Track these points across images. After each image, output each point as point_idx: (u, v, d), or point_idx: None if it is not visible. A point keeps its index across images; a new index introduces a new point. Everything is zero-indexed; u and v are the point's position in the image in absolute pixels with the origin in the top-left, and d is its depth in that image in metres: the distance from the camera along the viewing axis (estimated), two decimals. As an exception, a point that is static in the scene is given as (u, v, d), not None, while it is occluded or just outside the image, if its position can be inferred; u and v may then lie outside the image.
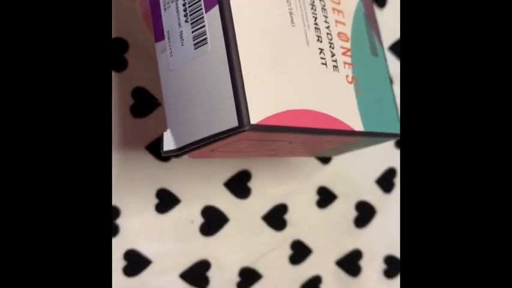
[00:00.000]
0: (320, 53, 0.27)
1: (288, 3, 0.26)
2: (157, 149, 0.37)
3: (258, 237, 0.39)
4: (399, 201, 0.42)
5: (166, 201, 0.37)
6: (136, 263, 0.36)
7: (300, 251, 0.40)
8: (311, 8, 0.27)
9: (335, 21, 0.29)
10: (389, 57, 0.42)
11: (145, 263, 0.36)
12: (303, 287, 0.40)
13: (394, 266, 0.43)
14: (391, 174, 0.43)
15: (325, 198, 0.41)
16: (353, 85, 0.29)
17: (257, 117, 0.22)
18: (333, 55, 0.28)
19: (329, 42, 0.28)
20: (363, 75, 0.30)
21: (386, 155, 0.42)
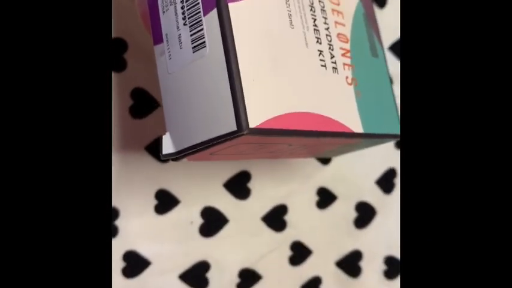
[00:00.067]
0: (319, 54, 0.27)
1: (287, 5, 0.26)
2: (156, 150, 0.36)
3: (258, 238, 0.39)
4: (399, 201, 0.42)
5: (166, 202, 0.37)
6: (136, 264, 0.36)
7: (300, 252, 0.40)
8: (310, 10, 0.27)
9: (334, 22, 0.29)
10: (389, 57, 0.42)
11: (145, 264, 0.36)
12: (303, 287, 0.40)
13: (394, 267, 0.43)
14: (392, 175, 0.43)
15: (325, 199, 0.41)
16: (353, 86, 0.28)
17: (256, 121, 0.22)
18: (332, 57, 0.28)
19: (328, 44, 0.28)
20: (362, 77, 0.30)
21: (387, 155, 0.42)
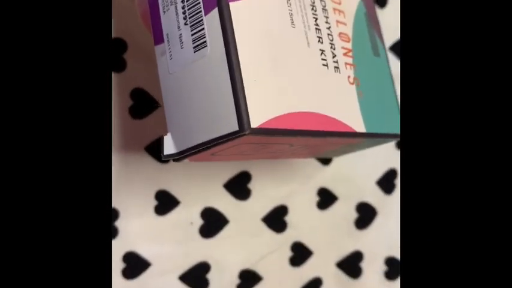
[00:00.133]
0: (321, 54, 0.27)
1: (288, 5, 0.26)
2: (156, 150, 0.36)
3: (258, 238, 0.39)
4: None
5: (166, 203, 0.37)
6: (136, 265, 0.36)
7: (301, 253, 0.40)
8: (311, 9, 0.27)
9: (336, 21, 0.29)
10: (390, 57, 0.42)
11: (145, 265, 0.36)
12: (304, 288, 0.40)
13: (395, 268, 0.42)
14: (392, 175, 0.42)
15: (326, 199, 0.41)
16: (355, 86, 0.28)
17: (258, 121, 0.22)
18: (334, 56, 0.27)
19: (330, 43, 0.28)
20: (364, 76, 0.29)
21: (387, 156, 0.42)
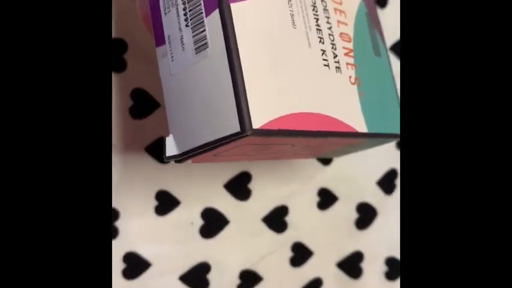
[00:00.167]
0: (322, 54, 0.27)
1: (289, 5, 0.26)
2: (156, 150, 0.36)
3: (259, 239, 0.39)
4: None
5: (166, 203, 0.37)
6: (136, 266, 0.36)
7: (301, 253, 0.40)
8: (312, 9, 0.27)
9: (337, 21, 0.29)
10: (391, 57, 0.42)
11: (145, 265, 0.36)
12: (304, 289, 0.40)
13: (395, 268, 0.42)
14: (393, 176, 0.42)
15: (326, 199, 0.41)
16: (356, 86, 0.28)
17: (259, 122, 0.22)
18: (335, 56, 0.27)
19: (331, 43, 0.27)
20: (365, 76, 0.29)
21: (388, 156, 0.42)
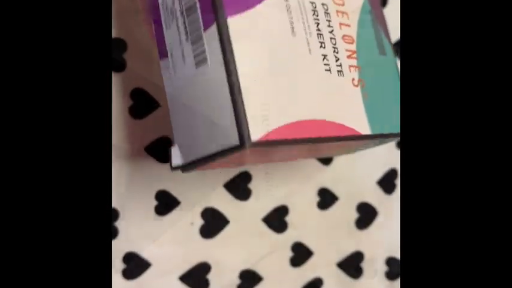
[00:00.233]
0: (323, 59, 0.26)
1: (288, 13, 0.26)
2: (156, 150, 0.36)
3: (259, 239, 0.39)
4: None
5: (166, 203, 0.37)
6: (136, 266, 0.36)
7: (301, 253, 0.40)
8: (313, 14, 0.27)
9: (339, 24, 0.28)
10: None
11: (145, 265, 0.36)
12: (304, 289, 0.40)
13: (395, 268, 0.42)
14: (393, 175, 0.42)
15: (326, 199, 0.41)
16: (359, 88, 0.28)
17: (258, 134, 0.22)
18: (337, 60, 0.27)
19: (333, 47, 0.27)
20: (369, 77, 0.29)
21: (388, 156, 0.42)
